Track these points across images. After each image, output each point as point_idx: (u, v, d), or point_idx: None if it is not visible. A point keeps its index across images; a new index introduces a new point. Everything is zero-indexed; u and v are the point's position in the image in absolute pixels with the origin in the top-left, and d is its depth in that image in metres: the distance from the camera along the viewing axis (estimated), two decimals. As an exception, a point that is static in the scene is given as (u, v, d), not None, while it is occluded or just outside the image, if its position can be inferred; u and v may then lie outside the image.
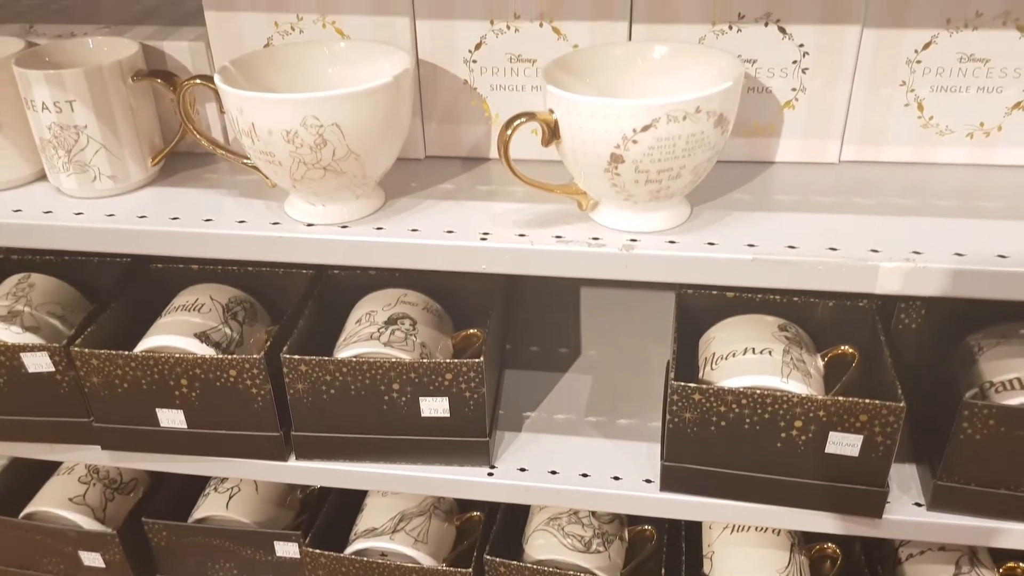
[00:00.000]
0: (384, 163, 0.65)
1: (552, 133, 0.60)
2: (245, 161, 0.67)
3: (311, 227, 0.65)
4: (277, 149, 0.60)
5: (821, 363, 0.73)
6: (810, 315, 0.78)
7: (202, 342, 0.76)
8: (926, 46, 0.66)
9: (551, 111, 0.60)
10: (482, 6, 0.69)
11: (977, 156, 0.70)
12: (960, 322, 0.76)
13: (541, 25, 0.69)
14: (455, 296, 0.85)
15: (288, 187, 0.65)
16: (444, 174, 0.73)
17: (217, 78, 0.62)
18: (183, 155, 0.77)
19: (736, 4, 0.66)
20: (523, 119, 0.60)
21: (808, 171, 0.71)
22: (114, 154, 0.69)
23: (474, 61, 0.72)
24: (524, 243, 0.62)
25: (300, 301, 0.82)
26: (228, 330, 0.79)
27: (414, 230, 0.65)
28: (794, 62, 0.68)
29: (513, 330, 0.96)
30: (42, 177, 0.74)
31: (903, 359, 0.78)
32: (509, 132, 0.60)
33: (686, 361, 0.77)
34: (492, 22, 0.70)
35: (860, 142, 0.71)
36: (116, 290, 0.86)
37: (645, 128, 0.56)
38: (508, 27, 0.70)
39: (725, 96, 0.57)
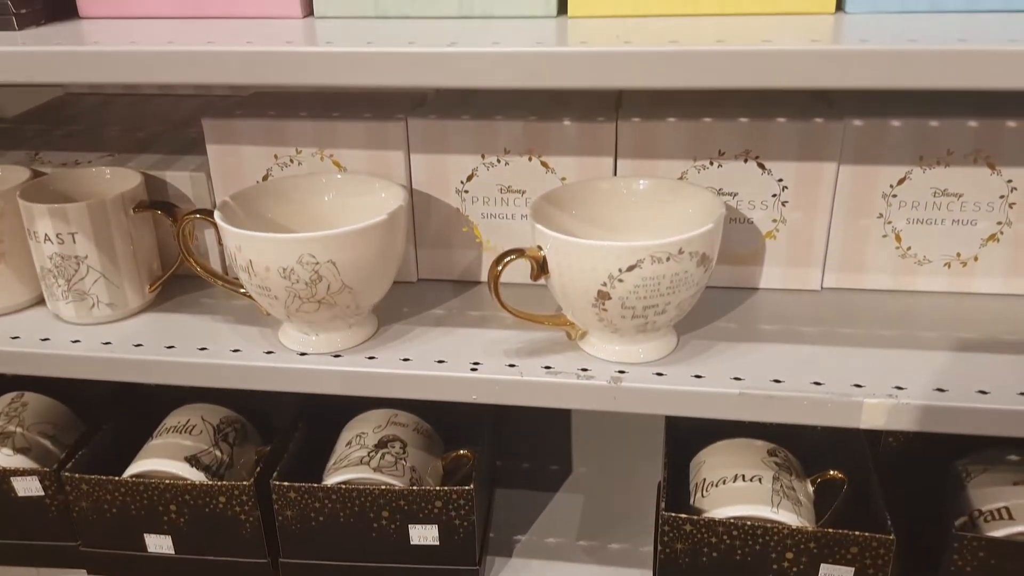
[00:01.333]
0: (377, 294, 0.67)
1: (541, 268, 0.62)
2: (241, 291, 0.69)
3: (304, 356, 0.67)
4: (274, 285, 0.61)
5: (811, 488, 0.73)
6: (799, 437, 0.79)
7: (192, 466, 0.76)
8: (901, 181, 0.69)
9: (540, 248, 0.62)
10: (473, 142, 0.72)
11: (955, 285, 0.72)
12: (947, 442, 0.77)
13: (530, 159, 0.72)
14: (446, 413, 0.85)
15: (283, 318, 0.66)
16: (436, 298, 0.75)
17: (217, 215, 0.64)
18: (180, 277, 0.79)
19: (716, 141, 0.69)
20: (513, 256, 0.61)
21: (791, 298, 0.72)
22: (113, 283, 0.71)
23: (466, 191, 0.74)
24: (514, 374, 0.63)
25: (291, 421, 0.83)
26: (218, 452, 0.79)
27: (406, 359, 0.66)
28: (774, 195, 0.70)
29: (504, 446, 0.96)
30: (40, 301, 0.75)
31: (891, 481, 0.78)
32: (499, 268, 0.61)
33: (678, 478, 0.77)
34: (483, 156, 0.73)
35: (841, 270, 0.73)
36: (108, 409, 0.86)
37: (630, 268, 0.57)
38: (498, 161, 0.73)
39: (707, 237, 0.59)
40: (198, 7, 0.65)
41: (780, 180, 0.70)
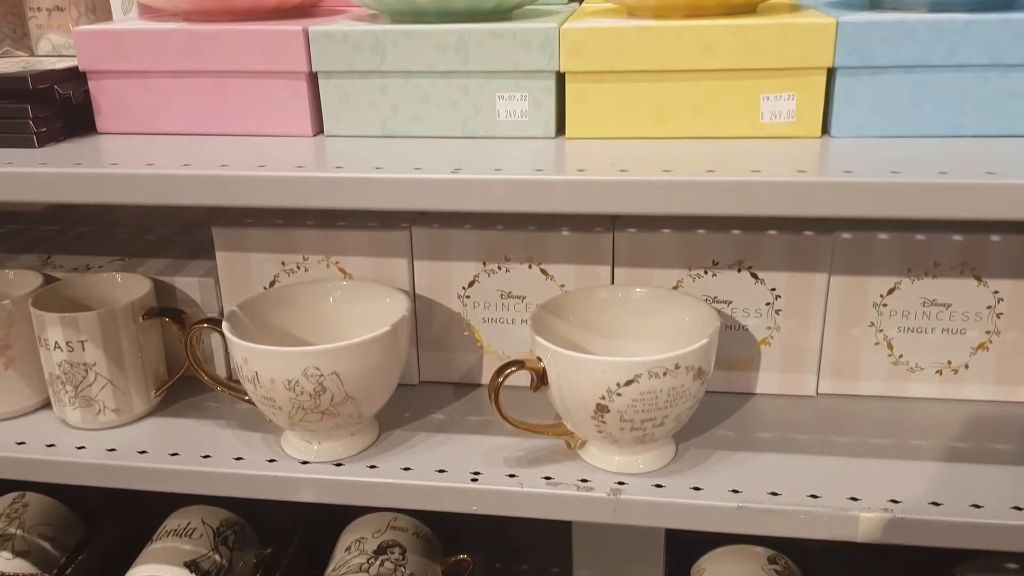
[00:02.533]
0: (380, 402, 0.68)
1: (541, 379, 0.63)
2: (245, 398, 0.70)
3: (306, 465, 0.67)
4: (278, 396, 0.63)
5: (811, 596, 0.73)
6: (798, 542, 0.78)
7: (191, 571, 0.76)
8: (890, 291, 0.71)
9: (539, 359, 0.63)
10: (475, 249, 0.74)
11: (948, 392, 0.73)
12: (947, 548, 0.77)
13: (530, 267, 0.74)
14: (446, 515, 0.85)
15: (285, 427, 0.67)
16: (437, 402, 0.76)
17: (225, 325, 0.66)
18: (186, 378, 0.80)
19: (711, 251, 0.72)
20: (513, 368, 0.63)
21: (787, 404, 0.73)
22: (119, 388, 0.72)
23: (467, 296, 0.76)
24: (514, 485, 0.64)
25: (291, 523, 0.83)
26: (218, 556, 0.79)
27: (406, 468, 0.66)
28: (767, 304, 0.72)
29: (504, 550, 0.95)
30: (46, 405, 0.76)
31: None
32: (500, 380, 0.63)
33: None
34: (484, 263, 0.75)
35: (835, 376, 0.74)
36: (109, 506, 0.86)
37: (628, 383, 0.59)
38: (499, 267, 0.75)
39: (702, 352, 0.60)
40: (213, 125, 0.68)
41: (773, 289, 0.72)
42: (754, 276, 0.71)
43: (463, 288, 0.76)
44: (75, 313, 0.69)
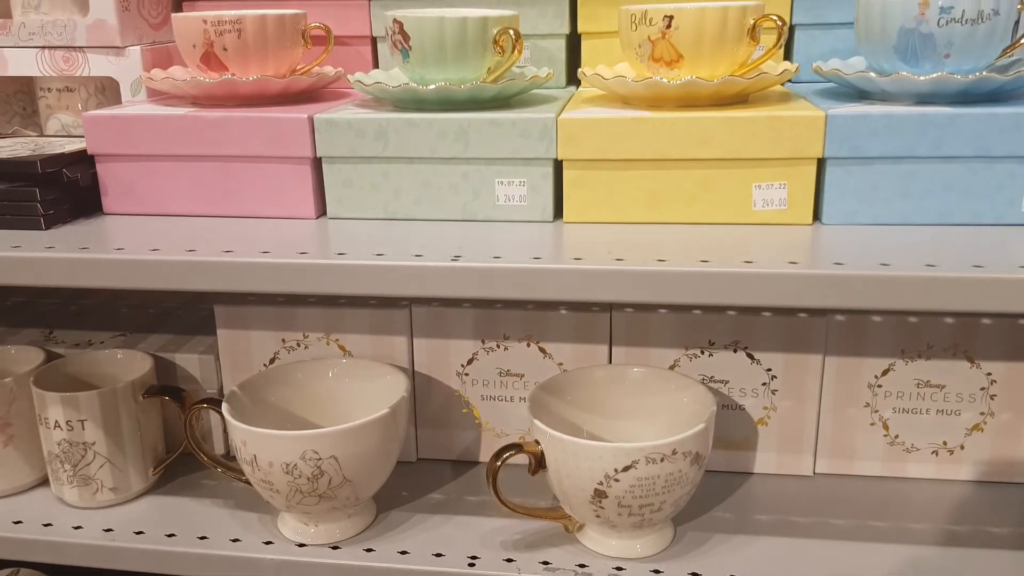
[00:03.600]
0: (377, 484, 0.68)
1: (539, 463, 0.63)
2: (243, 479, 0.70)
3: (303, 548, 0.67)
4: (276, 479, 0.63)
5: None
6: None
7: (185, 653, 0.75)
8: (885, 372, 0.72)
9: (537, 443, 0.63)
10: (474, 327, 0.75)
11: (944, 472, 0.73)
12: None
13: (528, 345, 0.75)
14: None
15: (282, 509, 0.67)
16: (435, 481, 0.76)
17: (225, 407, 0.66)
18: (184, 454, 0.80)
19: (707, 332, 0.72)
20: (511, 452, 0.63)
21: (785, 484, 0.74)
22: (118, 467, 0.72)
23: (466, 374, 0.77)
24: (512, 571, 0.64)
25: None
26: (212, 637, 0.78)
27: (403, 552, 0.66)
28: (763, 384, 0.73)
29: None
30: (44, 482, 0.76)
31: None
32: (498, 464, 0.63)
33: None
34: (483, 341, 0.76)
35: (832, 456, 0.74)
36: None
37: (626, 468, 0.59)
38: (498, 346, 0.75)
39: (700, 437, 0.61)
40: (218, 207, 0.70)
41: (769, 370, 0.72)
42: (750, 356, 0.72)
43: (462, 366, 0.76)
44: (76, 393, 0.69)
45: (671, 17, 0.63)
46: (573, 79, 0.85)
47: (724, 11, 0.63)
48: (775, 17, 0.64)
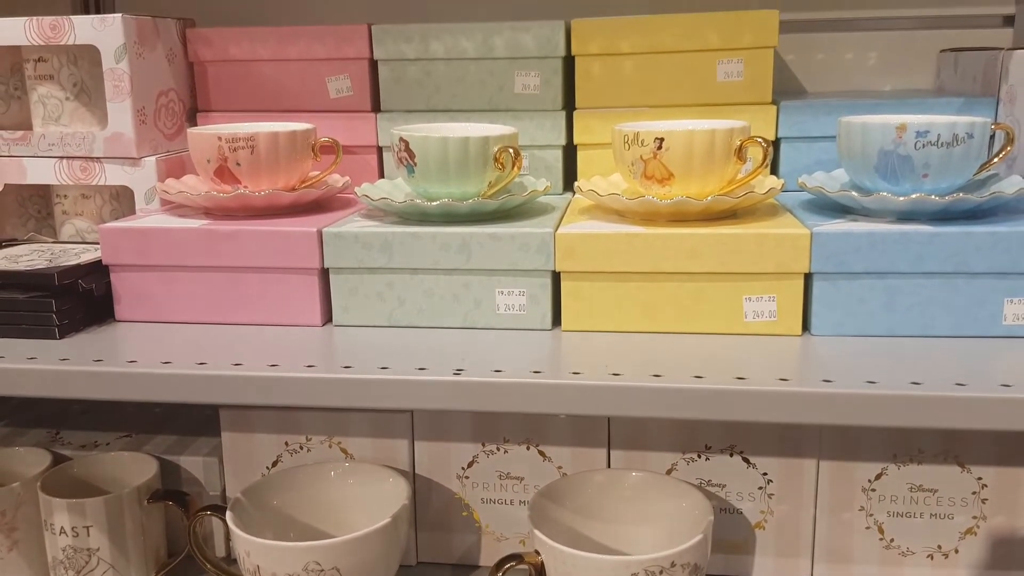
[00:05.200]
0: (379, 591, 0.69)
1: (539, 573, 0.64)
2: (246, 585, 0.71)
3: (304, 657, 0.67)
4: (279, 589, 0.64)
5: None
6: None
7: None
8: (878, 476, 0.73)
9: (537, 552, 0.64)
10: (474, 431, 0.77)
11: (940, 575, 0.74)
12: None
13: (528, 448, 0.76)
14: None
15: (285, 618, 0.67)
16: (435, 585, 0.76)
17: (229, 515, 0.67)
18: (186, 558, 0.80)
19: (703, 436, 0.74)
20: (512, 562, 0.64)
21: (783, 589, 0.74)
22: (120, 573, 0.73)
23: (466, 477, 0.78)
24: None
25: None
26: None
27: (405, 661, 0.66)
28: (760, 488, 0.74)
29: None
30: (45, 587, 0.77)
31: None
32: (499, 574, 0.64)
33: None
34: (483, 445, 0.77)
35: (829, 561, 0.75)
36: None
37: (625, 579, 0.60)
38: (498, 449, 0.77)
39: (698, 549, 0.62)
40: (227, 315, 0.72)
41: (765, 474, 0.74)
42: (746, 461, 0.74)
43: (462, 468, 0.78)
44: (82, 499, 0.71)
45: (662, 139, 0.67)
46: (570, 184, 0.88)
47: (712, 133, 0.67)
48: (760, 139, 0.68)
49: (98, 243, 0.77)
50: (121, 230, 0.72)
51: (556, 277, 0.68)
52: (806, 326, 0.66)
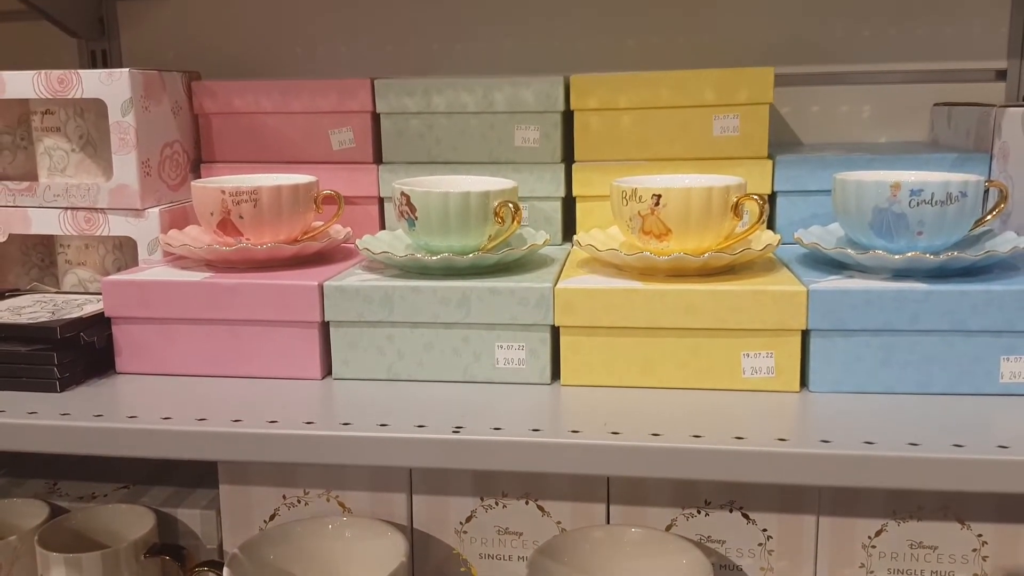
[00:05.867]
0: (376, 649, 0.68)
1: (537, 631, 0.64)
2: (241, 641, 0.70)
3: None
4: (275, 648, 0.63)
5: None
6: None
7: None
8: (878, 533, 0.73)
9: (536, 610, 0.64)
10: (473, 485, 0.77)
11: (943, 635, 0.73)
12: None
13: (527, 503, 0.76)
14: None
15: (281, 676, 0.67)
16: (433, 640, 0.76)
17: (226, 572, 0.67)
18: (179, 610, 0.80)
19: (702, 492, 0.74)
20: (510, 620, 0.64)
21: (784, 647, 0.73)
22: (115, 629, 0.72)
23: (465, 531, 0.77)
24: None
25: None
26: None
27: None
28: (760, 544, 0.74)
29: None
30: (39, 641, 0.76)
31: None
32: (497, 632, 0.63)
33: None
34: (482, 499, 0.77)
35: (830, 617, 0.74)
36: None
37: (624, 640, 0.60)
38: (497, 503, 0.77)
39: (697, 608, 0.61)
40: (227, 368, 0.72)
41: (765, 530, 0.73)
42: (745, 517, 0.73)
43: (461, 523, 0.77)
44: (79, 554, 0.70)
45: (659, 196, 0.68)
46: (569, 235, 0.89)
47: (709, 191, 0.68)
48: (755, 197, 0.69)
49: (100, 293, 0.78)
50: (124, 283, 0.73)
51: (555, 331, 0.69)
52: (804, 382, 0.66)
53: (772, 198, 0.84)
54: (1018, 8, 0.97)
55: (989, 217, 0.70)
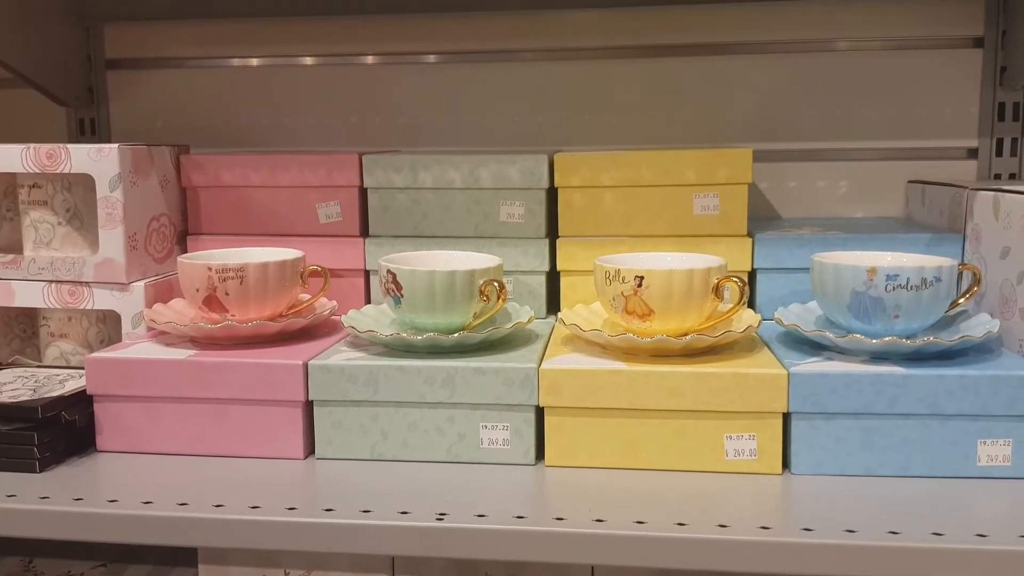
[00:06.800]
0: None
1: None
2: None
3: None
4: None
5: None
6: None
7: None
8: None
9: None
10: (457, 569, 0.76)
11: None
12: None
13: (510, 582, 0.76)
14: None
15: None
16: None
17: (204, 659, 0.66)
18: None
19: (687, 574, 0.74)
20: None
21: None
22: None
23: (448, 611, 0.77)
24: None
25: None
26: None
27: None
28: (744, 625, 0.73)
29: None
30: None
31: None
32: None
33: None
34: (465, 578, 0.76)
35: None
36: None
37: None
38: (480, 582, 0.76)
39: None
40: (209, 447, 0.72)
41: (748, 611, 0.73)
42: (729, 597, 0.73)
43: (445, 606, 0.76)
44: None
45: (642, 277, 0.69)
46: (553, 307, 0.90)
47: (690, 273, 0.69)
48: (736, 279, 0.70)
49: (82, 368, 0.77)
50: (107, 361, 0.72)
51: (540, 412, 0.69)
52: (786, 463, 0.67)
53: (752, 275, 0.85)
54: (987, 88, 1.01)
55: (962, 300, 0.71)
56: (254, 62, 1.13)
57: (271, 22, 1.11)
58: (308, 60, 1.12)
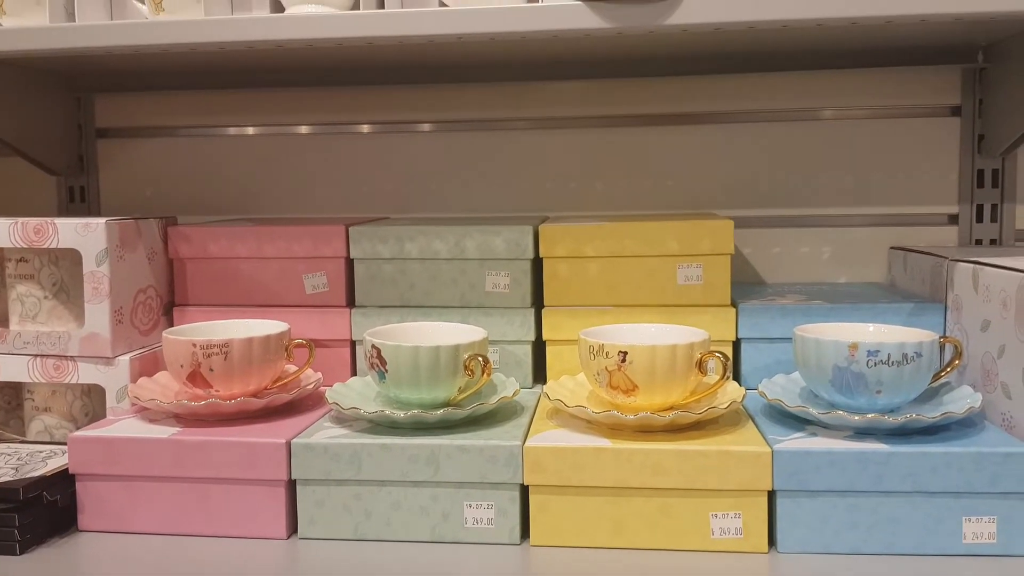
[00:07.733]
0: None
1: None
2: None
3: None
4: None
5: None
6: None
7: None
8: None
9: None
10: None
11: None
12: None
13: (497, 663, 0.74)
14: None
15: None
16: None
17: None
18: None
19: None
20: None
21: None
22: None
23: None
24: None
25: None
26: None
27: None
28: None
29: None
30: None
31: None
32: None
33: None
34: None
35: None
36: None
37: None
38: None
39: None
40: (191, 527, 0.71)
41: None
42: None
43: None
44: None
45: (625, 352, 0.69)
46: (539, 376, 0.90)
47: (673, 348, 0.69)
48: (719, 354, 0.70)
49: (65, 443, 0.77)
50: (90, 439, 0.72)
51: (524, 490, 0.69)
52: (772, 540, 0.66)
53: (736, 344, 0.86)
54: (966, 155, 1.02)
55: (944, 374, 0.72)
56: (247, 131, 1.14)
57: (261, 92, 1.13)
58: (303, 128, 1.13)
